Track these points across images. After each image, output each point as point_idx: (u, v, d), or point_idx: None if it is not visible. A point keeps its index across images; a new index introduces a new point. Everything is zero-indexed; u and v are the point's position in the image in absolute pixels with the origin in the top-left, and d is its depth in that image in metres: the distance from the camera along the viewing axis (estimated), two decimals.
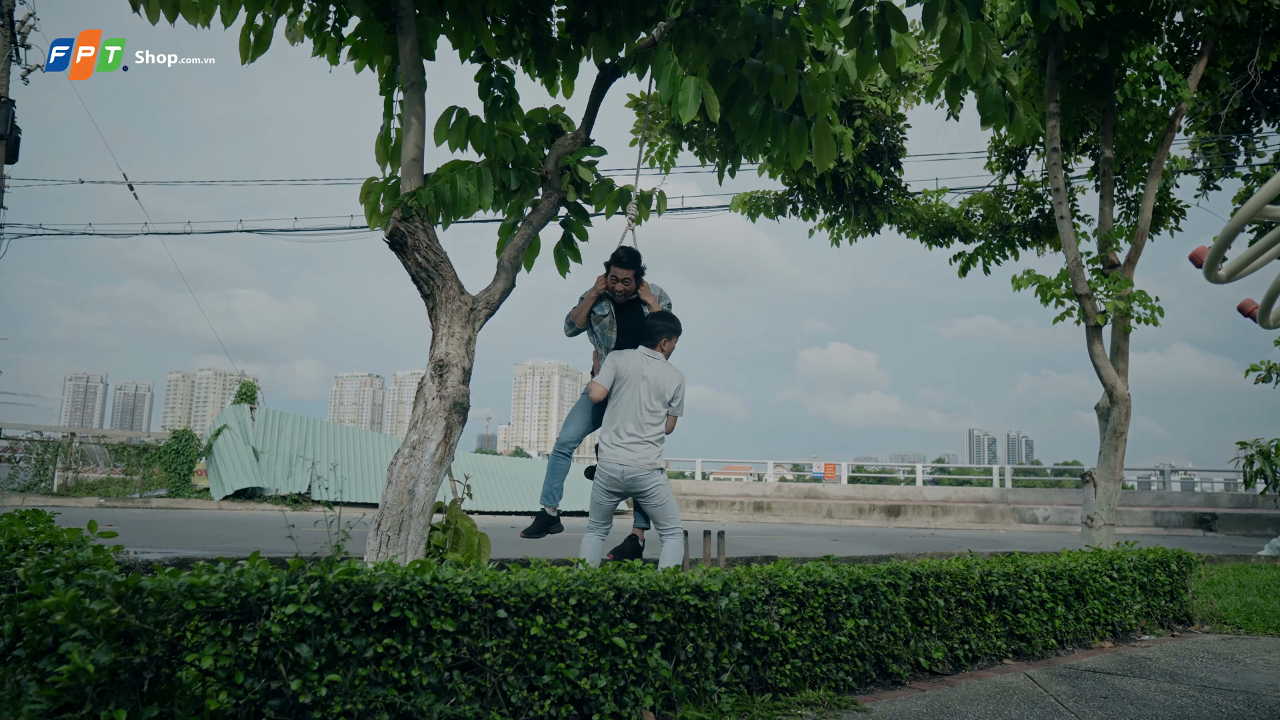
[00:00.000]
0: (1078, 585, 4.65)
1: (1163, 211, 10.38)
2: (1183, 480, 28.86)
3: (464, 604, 2.63)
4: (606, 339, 4.95)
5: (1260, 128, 10.73)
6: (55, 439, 20.16)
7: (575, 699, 2.78)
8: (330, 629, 2.43)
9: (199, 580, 2.34)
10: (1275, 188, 2.40)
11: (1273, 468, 12.86)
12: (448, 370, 3.88)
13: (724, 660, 3.17)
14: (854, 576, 3.69)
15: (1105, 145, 9.01)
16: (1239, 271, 2.86)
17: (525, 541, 11.96)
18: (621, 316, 4.96)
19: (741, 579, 3.36)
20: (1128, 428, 8.55)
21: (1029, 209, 10.97)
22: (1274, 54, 8.63)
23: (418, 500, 3.67)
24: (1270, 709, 3.43)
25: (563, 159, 4.36)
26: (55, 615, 2.18)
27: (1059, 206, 8.91)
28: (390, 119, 4.49)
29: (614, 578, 2.98)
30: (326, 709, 2.35)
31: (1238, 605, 5.92)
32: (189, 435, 19.75)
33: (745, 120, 4.23)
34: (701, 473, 29.32)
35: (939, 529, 18.73)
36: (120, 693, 2.18)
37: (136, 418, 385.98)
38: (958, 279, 11.60)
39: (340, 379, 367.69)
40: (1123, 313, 8.41)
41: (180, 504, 17.87)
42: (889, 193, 10.39)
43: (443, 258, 4.01)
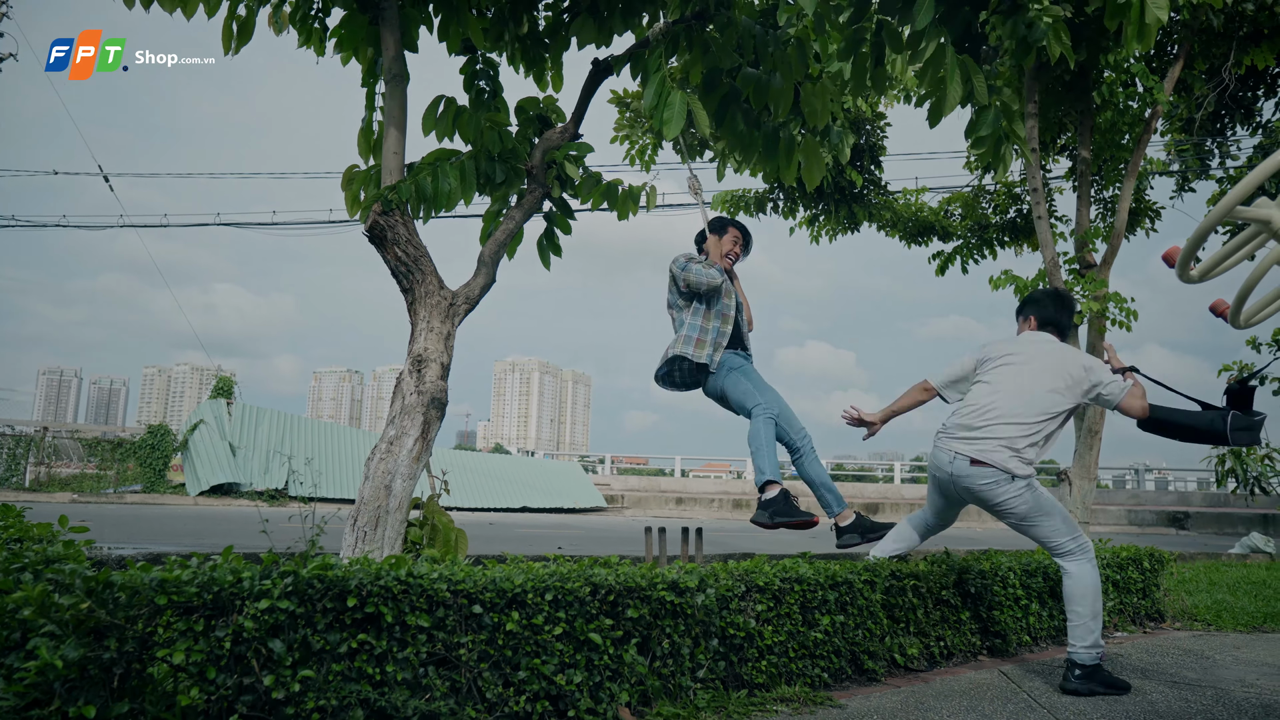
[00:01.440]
0: (1052, 582, 4.69)
1: (1139, 213, 10.50)
2: (1157, 479, 29.17)
3: (439, 599, 2.62)
4: (725, 306, 4.47)
5: (1234, 131, 10.87)
6: (28, 433, 19.92)
7: (551, 695, 2.78)
8: (304, 624, 2.41)
9: (171, 575, 2.31)
10: (1246, 189, 2.43)
11: (1244, 467, 13.04)
12: (426, 365, 3.86)
13: (700, 656, 3.17)
14: (830, 573, 3.71)
15: (1083, 146, 9.09)
16: (1211, 272, 2.90)
17: (503, 538, 11.92)
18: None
19: (718, 575, 3.37)
20: (1102, 427, 8.64)
21: (1007, 209, 11.07)
22: (1248, 58, 8.74)
23: (395, 496, 3.66)
24: (1238, 704, 3.48)
25: (549, 153, 4.34)
26: (23, 610, 2.16)
27: (1037, 207, 8.99)
28: (373, 111, 4.46)
29: (590, 574, 2.98)
30: (300, 704, 2.34)
31: (1208, 602, 6.00)
32: (165, 430, 19.57)
33: (735, 135, 4.22)
34: (681, 470, 29.38)
35: None
36: (90, 689, 2.16)
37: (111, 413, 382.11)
38: (934, 279, 11.71)
39: (319, 374, 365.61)
40: (1098, 313, 8.50)
41: (155, 499, 17.70)
42: (869, 191, 10.45)
43: (423, 252, 3.99)
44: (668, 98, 3.69)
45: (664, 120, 3.66)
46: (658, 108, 3.69)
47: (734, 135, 4.24)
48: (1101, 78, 8.69)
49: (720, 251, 4.59)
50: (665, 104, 3.68)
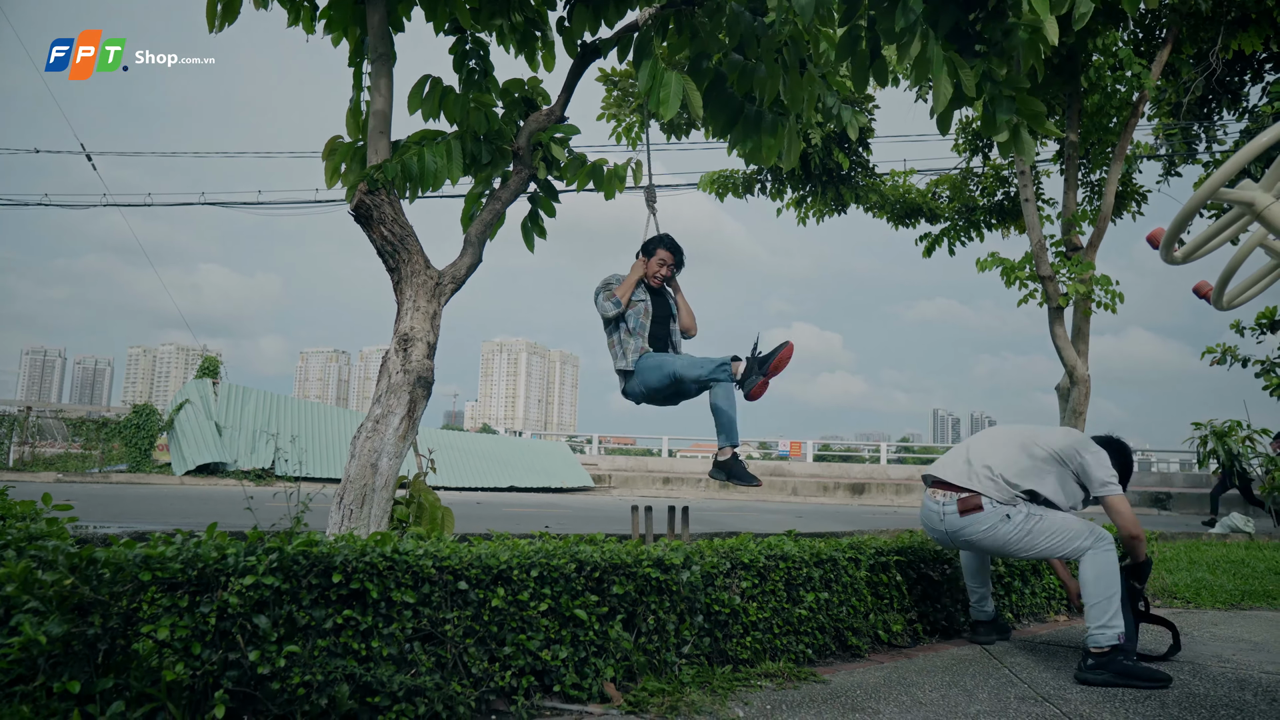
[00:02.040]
0: (1034, 561, 4.74)
1: (1125, 196, 10.55)
2: (1140, 460, 29.46)
3: (425, 576, 2.63)
4: (640, 325, 4.73)
5: (1221, 115, 10.92)
6: (11, 413, 19.78)
7: (536, 670, 2.80)
8: (289, 600, 2.42)
9: (155, 551, 2.31)
10: (1230, 171, 2.44)
11: (1225, 448, 13.16)
12: (412, 344, 3.85)
13: (685, 632, 3.20)
14: (815, 551, 3.74)
15: (1070, 129, 9.11)
16: (1195, 253, 2.91)
17: (490, 516, 11.94)
18: (654, 303, 4.81)
19: (704, 552, 3.39)
20: (1087, 408, 8.72)
21: (994, 191, 11.10)
22: (1235, 42, 8.76)
23: (381, 474, 3.66)
24: (1214, 678, 3.54)
25: (535, 135, 4.32)
26: (6, 587, 2.15)
27: (1024, 189, 9.02)
28: (360, 91, 4.42)
29: (576, 551, 3.00)
30: (285, 680, 2.35)
31: (1188, 580, 6.08)
32: (150, 410, 19.46)
33: (718, 119, 4.21)
34: (668, 450, 29.45)
35: (902, 507, 18.99)
36: (74, 664, 2.16)
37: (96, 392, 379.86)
38: (920, 262, 11.90)
39: (305, 354, 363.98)
40: (1084, 295, 8.55)
41: (141, 479, 17.63)
42: (856, 173, 10.45)
43: (409, 231, 3.98)
44: (663, 78, 3.68)
45: (660, 100, 3.66)
46: (653, 89, 3.67)
47: (718, 120, 4.23)
48: (1089, 61, 8.70)
49: (641, 274, 4.79)
50: (661, 84, 3.67)
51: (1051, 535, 3.62)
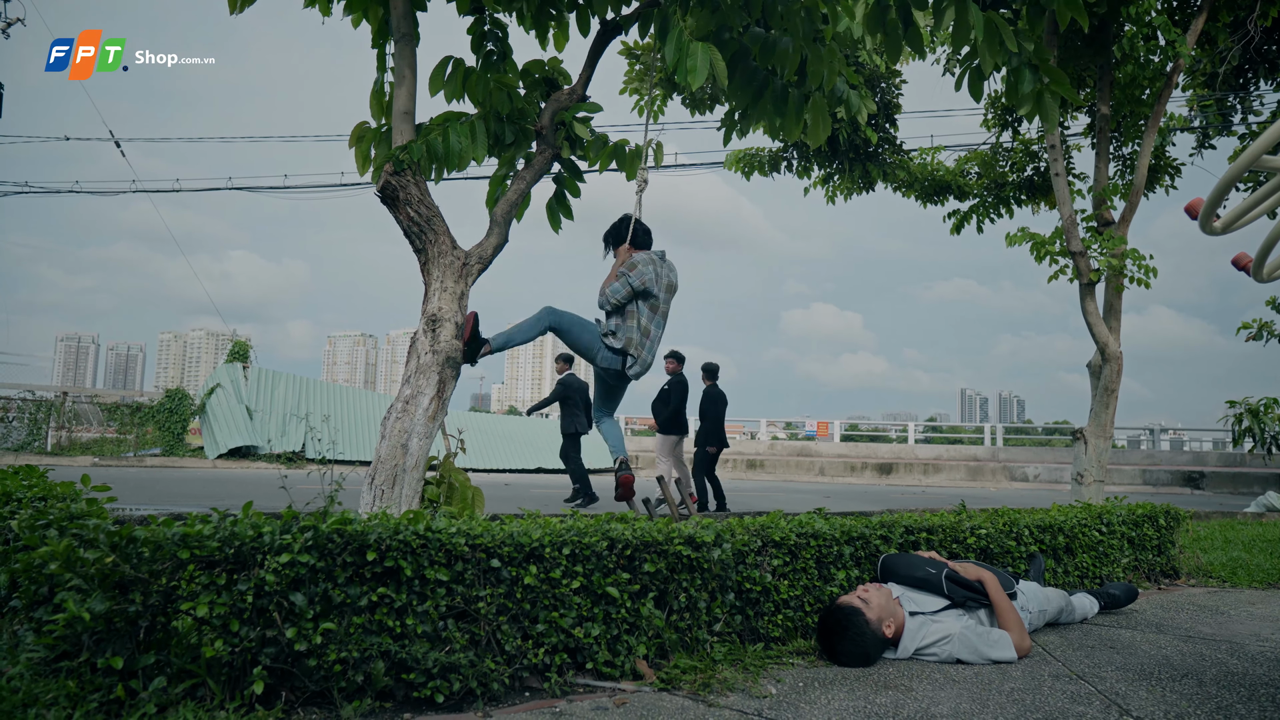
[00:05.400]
0: (1067, 539, 4.70)
1: (1158, 169, 10.35)
2: (1172, 440, 29.09)
3: (458, 554, 2.64)
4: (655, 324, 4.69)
5: (1258, 85, 10.64)
6: (48, 398, 20.11)
7: (569, 647, 2.81)
8: (324, 578, 2.44)
9: (193, 530, 2.34)
10: (1273, 138, 2.38)
11: (1260, 426, 12.96)
12: (440, 325, 3.86)
13: (716, 610, 3.20)
14: (846, 528, 3.72)
15: (1102, 102, 8.94)
16: (1234, 223, 2.85)
17: (519, 498, 12.01)
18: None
19: (734, 530, 3.39)
20: (1119, 385, 8.59)
21: (1024, 166, 10.93)
22: (1275, 9, 8.53)
23: (411, 454, 3.68)
24: (1252, 657, 3.49)
25: (558, 114, 4.30)
26: (50, 565, 2.19)
27: (1054, 164, 8.86)
28: (384, 72, 4.42)
29: (607, 529, 3.00)
30: (322, 656, 2.37)
31: (1223, 560, 6.00)
32: (182, 394, 19.72)
33: (742, 92, 4.16)
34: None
35: (930, 486, 18.89)
36: (116, 641, 2.20)
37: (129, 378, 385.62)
38: (937, 242, 11.85)
39: (333, 339, 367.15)
40: (1116, 270, 8.41)
41: (174, 463, 17.90)
42: (884, 150, 10.33)
43: (435, 212, 3.98)
44: (689, 48, 3.64)
45: (689, 69, 3.61)
46: (680, 59, 3.64)
47: (741, 93, 4.18)
48: (1122, 31, 8.52)
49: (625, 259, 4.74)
50: (688, 54, 3.63)
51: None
